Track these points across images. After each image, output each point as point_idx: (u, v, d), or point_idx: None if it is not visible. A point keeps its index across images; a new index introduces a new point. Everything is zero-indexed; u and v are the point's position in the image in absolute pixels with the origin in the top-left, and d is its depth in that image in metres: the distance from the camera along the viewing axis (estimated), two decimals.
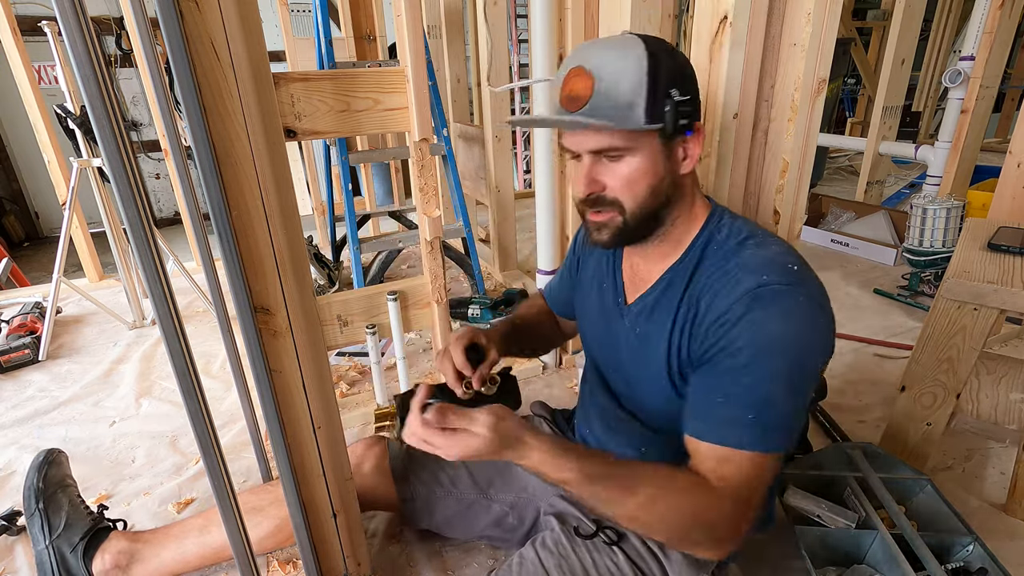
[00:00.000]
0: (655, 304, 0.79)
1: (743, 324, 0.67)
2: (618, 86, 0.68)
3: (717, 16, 1.05)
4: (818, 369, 0.71)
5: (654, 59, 0.68)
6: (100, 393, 1.86)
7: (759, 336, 0.66)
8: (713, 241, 0.77)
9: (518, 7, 3.85)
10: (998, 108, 4.78)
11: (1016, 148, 1.67)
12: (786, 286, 0.68)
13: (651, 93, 0.68)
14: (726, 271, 0.72)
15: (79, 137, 2.04)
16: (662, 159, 0.72)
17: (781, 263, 0.70)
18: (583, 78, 0.70)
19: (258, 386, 0.81)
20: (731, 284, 0.70)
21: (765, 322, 0.66)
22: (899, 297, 2.34)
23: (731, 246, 0.75)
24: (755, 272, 0.69)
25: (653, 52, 0.68)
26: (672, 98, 0.68)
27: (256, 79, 0.70)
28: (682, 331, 0.75)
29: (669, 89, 0.68)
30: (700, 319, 0.72)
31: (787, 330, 0.66)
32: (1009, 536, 1.18)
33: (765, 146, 1.16)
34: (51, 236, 4.79)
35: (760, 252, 0.72)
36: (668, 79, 0.68)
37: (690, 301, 0.75)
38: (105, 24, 4.31)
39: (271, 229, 0.77)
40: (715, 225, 0.78)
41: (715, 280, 0.72)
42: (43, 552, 1.00)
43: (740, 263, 0.71)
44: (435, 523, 1.09)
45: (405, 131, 1.44)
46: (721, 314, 0.69)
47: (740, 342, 0.67)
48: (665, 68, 0.68)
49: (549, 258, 1.87)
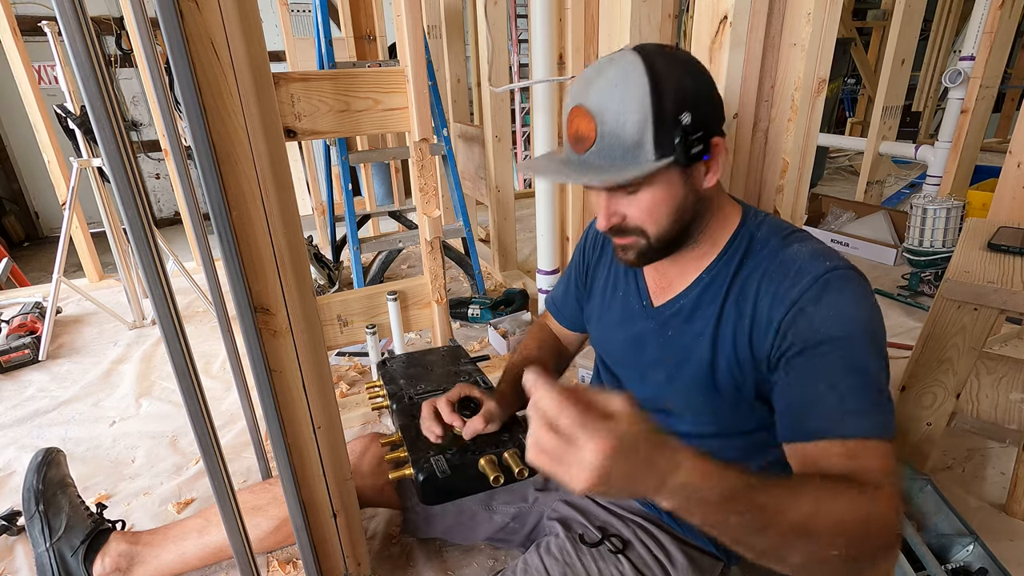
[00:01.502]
0: (695, 305, 0.77)
1: (822, 309, 0.65)
2: (623, 126, 0.64)
3: (717, 16, 1.05)
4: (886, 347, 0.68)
5: (657, 87, 0.63)
6: (100, 393, 1.86)
7: (843, 320, 0.64)
8: (755, 239, 0.75)
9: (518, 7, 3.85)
10: (998, 108, 4.78)
11: (1016, 148, 1.67)
12: (849, 269, 0.67)
13: (657, 127, 0.64)
14: (781, 263, 0.70)
15: (79, 137, 2.04)
16: (681, 183, 0.69)
17: (833, 253, 0.70)
18: (585, 119, 0.67)
19: (258, 386, 0.81)
20: (794, 273, 0.68)
21: (844, 305, 0.65)
22: (899, 297, 2.34)
23: (776, 242, 0.73)
24: (816, 260, 0.68)
25: (655, 76, 0.64)
26: (681, 124, 0.64)
27: (256, 79, 0.70)
28: (736, 329, 0.72)
29: (678, 115, 0.64)
30: (765, 314, 0.69)
31: (864, 310, 0.65)
32: (1009, 536, 1.18)
33: (765, 146, 1.16)
34: (51, 236, 4.79)
35: (807, 245, 0.71)
36: (675, 105, 0.64)
37: (741, 298, 0.72)
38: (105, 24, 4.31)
39: (271, 229, 0.77)
40: (753, 223, 0.76)
41: (772, 273, 0.70)
42: (43, 555, 1.00)
43: (793, 255, 0.70)
44: (435, 532, 1.09)
45: (405, 131, 1.44)
46: (792, 303, 0.66)
47: (824, 329, 0.64)
48: (670, 92, 0.64)
49: (549, 258, 1.87)
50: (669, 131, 0.64)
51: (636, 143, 0.65)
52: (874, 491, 0.57)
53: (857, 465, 0.59)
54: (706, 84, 0.68)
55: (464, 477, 0.82)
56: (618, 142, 0.65)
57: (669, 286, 0.81)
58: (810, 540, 0.53)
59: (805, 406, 0.65)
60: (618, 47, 1.27)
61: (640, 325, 0.85)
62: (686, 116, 0.64)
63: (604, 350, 0.95)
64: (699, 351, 0.76)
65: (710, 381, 0.76)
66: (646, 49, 0.67)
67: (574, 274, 1.02)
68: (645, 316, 0.84)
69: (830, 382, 0.63)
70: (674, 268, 0.80)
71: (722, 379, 0.75)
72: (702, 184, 0.71)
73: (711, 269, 0.76)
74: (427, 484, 0.83)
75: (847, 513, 0.54)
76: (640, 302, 0.85)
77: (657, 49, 0.67)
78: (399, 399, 1.03)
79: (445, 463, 0.83)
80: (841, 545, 0.54)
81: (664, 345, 0.81)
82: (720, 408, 0.77)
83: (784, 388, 0.68)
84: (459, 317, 2.24)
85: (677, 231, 0.72)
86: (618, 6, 1.24)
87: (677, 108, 0.64)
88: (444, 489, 0.83)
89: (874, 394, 0.62)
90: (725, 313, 0.74)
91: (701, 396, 0.78)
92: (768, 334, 0.69)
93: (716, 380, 0.75)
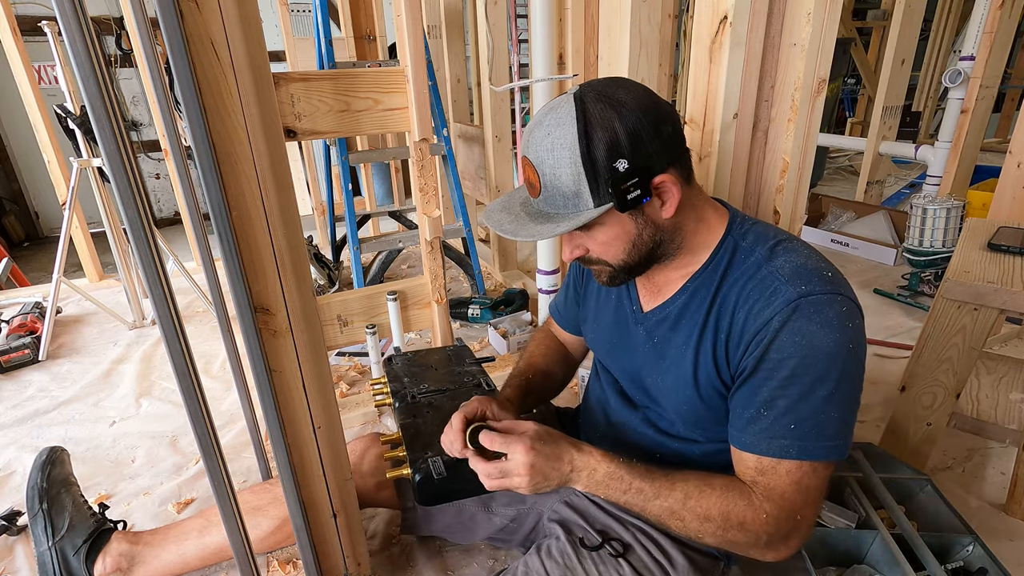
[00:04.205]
0: (680, 314, 0.78)
1: (785, 334, 0.66)
2: (559, 178, 0.67)
3: (717, 16, 1.05)
4: (863, 372, 0.70)
5: (587, 137, 0.64)
6: (100, 393, 1.86)
7: (803, 347, 0.65)
8: (739, 249, 0.75)
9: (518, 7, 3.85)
10: (998, 108, 4.78)
11: (1016, 148, 1.67)
12: (827, 295, 0.66)
13: (591, 177, 0.65)
14: (761, 280, 0.70)
15: (79, 137, 2.04)
16: (632, 220, 0.70)
17: (816, 270, 0.69)
18: (530, 169, 0.70)
19: (258, 386, 0.81)
20: (769, 294, 0.68)
21: (809, 333, 0.65)
22: (899, 297, 2.34)
23: (761, 253, 0.73)
24: (793, 281, 0.68)
25: (587, 126, 0.65)
26: (616, 172, 0.65)
27: (256, 79, 0.70)
28: (715, 341, 0.73)
29: (612, 163, 0.64)
30: (739, 330, 0.71)
31: (831, 340, 0.65)
32: (1009, 536, 1.18)
33: (765, 146, 1.16)
34: (51, 236, 4.79)
35: (792, 259, 0.71)
36: (608, 153, 0.64)
37: (722, 310, 0.73)
38: (105, 24, 4.31)
39: (271, 229, 0.77)
40: (738, 232, 0.76)
41: (751, 290, 0.71)
42: (45, 553, 1.00)
43: (774, 271, 0.70)
44: (434, 531, 1.09)
45: (405, 131, 1.44)
46: (763, 324, 0.68)
47: (783, 353, 0.66)
48: (602, 141, 0.64)
49: (549, 258, 1.87)
50: (603, 180, 0.65)
51: (574, 193, 0.67)
52: (755, 502, 0.69)
53: (762, 480, 0.69)
54: (649, 123, 0.66)
55: (460, 479, 0.82)
56: (558, 192, 0.68)
57: (658, 292, 0.82)
58: (681, 521, 0.71)
59: (741, 419, 0.71)
60: (618, 47, 1.28)
61: (631, 329, 0.86)
62: (621, 163, 0.65)
63: (599, 352, 0.97)
64: (682, 361, 0.77)
65: (693, 391, 0.77)
66: (584, 94, 0.67)
67: (572, 279, 1.04)
68: (635, 321, 0.85)
69: (767, 403, 0.68)
70: (661, 275, 0.81)
71: (704, 390, 0.76)
72: (659, 216, 0.71)
73: (696, 277, 0.77)
74: (423, 485, 0.83)
75: (712, 508, 0.69)
76: (631, 306, 0.86)
77: (597, 92, 0.67)
78: (402, 397, 1.03)
79: (442, 464, 0.83)
80: (708, 531, 0.70)
81: (651, 351, 0.82)
82: (704, 416, 0.79)
83: (735, 399, 0.73)
84: (459, 317, 2.24)
85: (637, 260, 0.74)
86: (618, 6, 1.24)
87: (610, 157, 0.65)
88: (440, 490, 0.84)
89: (808, 422, 0.66)
90: (707, 326, 0.75)
91: (686, 404, 0.79)
92: (738, 350, 0.71)
93: (699, 390, 0.77)
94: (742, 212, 0.81)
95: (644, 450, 0.88)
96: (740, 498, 0.69)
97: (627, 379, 0.90)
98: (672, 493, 0.71)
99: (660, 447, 0.86)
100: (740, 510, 0.69)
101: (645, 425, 0.87)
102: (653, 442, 0.87)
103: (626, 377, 0.90)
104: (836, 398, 0.66)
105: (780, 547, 0.70)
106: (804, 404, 0.66)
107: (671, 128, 0.68)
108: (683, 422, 0.82)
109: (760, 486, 0.69)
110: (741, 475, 0.72)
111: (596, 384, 0.99)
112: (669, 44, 1.59)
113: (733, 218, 0.78)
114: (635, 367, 0.86)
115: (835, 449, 0.67)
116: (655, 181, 0.67)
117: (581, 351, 1.12)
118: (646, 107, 0.66)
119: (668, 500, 0.71)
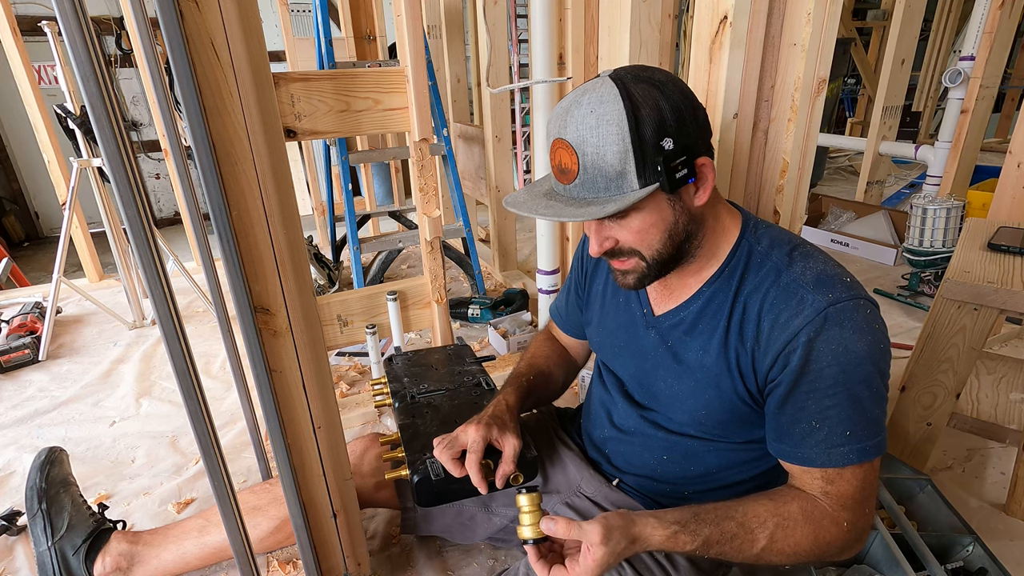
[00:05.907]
0: (696, 318, 0.77)
1: (821, 344, 0.66)
2: (604, 158, 0.64)
3: (717, 16, 1.05)
4: (890, 367, 0.71)
5: (635, 114, 0.63)
6: (100, 393, 1.86)
7: (841, 355, 0.66)
8: (755, 252, 0.75)
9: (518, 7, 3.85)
10: (998, 108, 4.78)
11: (1016, 148, 1.67)
12: (851, 300, 0.67)
13: (639, 155, 0.63)
14: (784, 287, 0.70)
15: (79, 137, 2.04)
16: (670, 206, 0.69)
17: (836, 276, 0.70)
18: (567, 152, 0.66)
19: (258, 386, 0.81)
20: (796, 302, 0.68)
21: (844, 340, 0.66)
22: (899, 297, 2.34)
23: (779, 258, 0.73)
24: (819, 289, 0.68)
25: (633, 104, 0.63)
26: (664, 150, 0.64)
27: (256, 79, 0.70)
28: (739, 348, 0.73)
29: (659, 142, 0.64)
30: (765, 338, 0.70)
31: (866, 344, 0.66)
32: (1009, 536, 1.18)
33: (765, 146, 1.16)
34: (51, 236, 4.79)
35: (812, 265, 0.71)
36: (655, 131, 0.63)
37: (745, 317, 0.73)
38: (105, 24, 4.31)
39: (271, 229, 0.77)
40: (752, 236, 0.76)
41: (774, 297, 0.70)
42: (45, 553, 1.00)
43: (796, 279, 0.70)
44: (434, 531, 1.09)
45: (405, 131, 1.44)
46: (792, 335, 0.67)
47: (822, 363, 0.66)
48: (650, 119, 0.63)
49: (549, 258, 1.87)
50: (651, 159, 0.64)
51: (619, 173, 0.65)
52: (834, 515, 0.69)
53: (830, 490, 0.70)
54: (688, 105, 0.66)
55: (458, 481, 0.82)
56: (600, 173, 0.65)
57: (671, 296, 0.81)
58: (769, 564, 0.70)
59: (794, 435, 0.71)
60: (618, 47, 1.28)
61: (641, 333, 0.85)
62: (668, 142, 0.64)
63: (604, 355, 0.96)
64: (702, 367, 0.77)
65: (715, 396, 0.77)
66: (622, 75, 0.66)
67: (574, 282, 1.02)
68: (646, 324, 0.85)
69: (820, 417, 0.68)
70: (675, 278, 0.80)
71: (726, 395, 0.76)
72: (692, 203, 0.71)
73: (712, 282, 0.77)
74: (421, 486, 0.83)
75: (802, 541, 0.68)
76: (641, 309, 0.86)
77: (634, 74, 0.66)
78: (401, 398, 1.03)
79: (440, 466, 0.83)
80: (793, 562, 0.70)
81: (665, 355, 0.82)
82: (722, 420, 0.78)
83: (776, 412, 0.72)
84: (459, 317, 2.24)
85: (671, 251, 0.73)
86: (618, 6, 1.24)
87: (657, 135, 0.64)
88: (438, 491, 0.84)
89: (860, 425, 0.68)
90: (730, 332, 0.74)
91: (705, 409, 0.79)
92: (767, 359, 0.71)
93: (721, 395, 0.76)
94: (753, 215, 0.80)
95: (651, 452, 0.88)
96: (822, 518, 0.69)
97: (634, 382, 0.89)
98: (755, 543, 0.68)
99: (668, 449, 0.86)
100: (826, 530, 0.68)
101: (652, 427, 0.87)
102: (661, 444, 0.86)
103: (633, 380, 0.89)
104: (878, 395, 0.68)
105: (857, 545, 0.71)
106: (854, 410, 0.67)
107: (703, 112, 0.69)
108: (696, 425, 0.81)
109: (832, 496, 0.69)
110: (805, 486, 0.72)
111: (599, 386, 0.98)
112: (669, 44, 1.59)
113: (746, 220, 0.78)
114: (644, 370, 0.86)
115: (883, 442, 0.70)
116: (697, 162, 0.67)
117: (583, 354, 1.11)
118: (683, 89, 0.67)
119: (754, 549, 0.68)
